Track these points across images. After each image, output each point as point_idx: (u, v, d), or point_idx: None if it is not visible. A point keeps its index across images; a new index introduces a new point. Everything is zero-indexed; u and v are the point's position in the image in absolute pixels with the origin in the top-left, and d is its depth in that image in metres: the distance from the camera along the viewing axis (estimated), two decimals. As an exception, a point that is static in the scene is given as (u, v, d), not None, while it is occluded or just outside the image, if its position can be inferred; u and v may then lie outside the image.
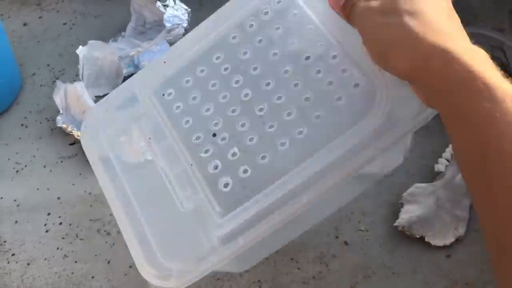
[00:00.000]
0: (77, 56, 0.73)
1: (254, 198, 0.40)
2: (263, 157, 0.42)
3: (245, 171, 0.42)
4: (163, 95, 0.47)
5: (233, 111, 0.44)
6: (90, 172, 0.68)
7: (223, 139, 0.44)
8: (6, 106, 0.73)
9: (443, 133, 0.72)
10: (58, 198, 0.66)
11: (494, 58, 0.72)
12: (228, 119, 0.44)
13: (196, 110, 0.45)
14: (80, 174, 0.68)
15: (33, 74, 0.78)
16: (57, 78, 0.77)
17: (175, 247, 0.43)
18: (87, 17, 0.85)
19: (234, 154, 0.43)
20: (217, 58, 0.46)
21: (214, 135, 0.44)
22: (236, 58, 0.46)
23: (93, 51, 0.72)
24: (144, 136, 0.47)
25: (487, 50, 0.35)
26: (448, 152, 0.68)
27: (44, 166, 0.68)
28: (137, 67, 0.75)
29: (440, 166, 0.68)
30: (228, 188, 0.42)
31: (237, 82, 0.45)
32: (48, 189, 0.66)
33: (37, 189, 0.66)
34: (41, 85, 0.76)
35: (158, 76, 0.48)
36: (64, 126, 0.69)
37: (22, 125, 0.72)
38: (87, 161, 0.68)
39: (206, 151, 0.44)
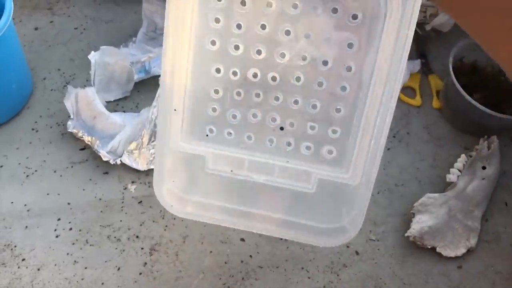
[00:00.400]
0: (87, 60, 0.73)
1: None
2: None
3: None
4: (207, 135, 0.47)
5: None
6: (101, 178, 0.68)
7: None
8: (17, 110, 0.73)
9: (455, 143, 0.73)
10: (68, 203, 0.65)
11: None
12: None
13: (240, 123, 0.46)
14: (90, 179, 0.68)
15: (44, 79, 0.77)
16: (67, 83, 0.77)
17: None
18: (98, 22, 0.85)
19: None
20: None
21: (282, 128, 0.46)
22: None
23: (104, 56, 0.72)
24: (225, 171, 0.49)
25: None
26: (460, 162, 0.68)
27: (55, 171, 0.68)
28: (148, 73, 0.75)
29: (452, 176, 0.67)
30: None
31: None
32: (58, 194, 0.66)
33: (48, 194, 0.66)
34: (52, 90, 0.76)
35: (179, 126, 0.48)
36: (74, 131, 0.69)
37: (32, 129, 0.72)
38: (98, 166, 0.69)
39: (279, 144, 0.47)
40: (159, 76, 0.74)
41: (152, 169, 0.68)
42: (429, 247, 0.63)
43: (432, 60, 0.82)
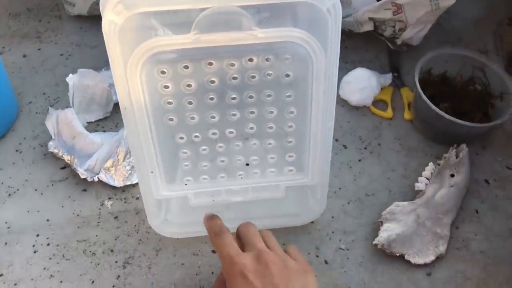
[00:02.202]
0: (71, 84, 0.76)
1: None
2: None
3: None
4: (186, 184, 0.57)
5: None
6: (79, 195, 0.71)
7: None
8: (2, 133, 0.76)
9: (426, 153, 0.74)
10: (48, 220, 0.68)
11: (474, 78, 0.74)
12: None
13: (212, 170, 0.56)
14: (69, 197, 0.70)
15: (30, 102, 0.81)
16: (51, 106, 0.80)
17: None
18: (83, 48, 0.89)
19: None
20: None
21: (247, 164, 0.55)
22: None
23: (83, 79, 0.75)
24: (207, 201, 0.58)
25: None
26: (428, 170, 0.69)
27: (36, 190, 0.71)
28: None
29: (420, 184, 0.68)
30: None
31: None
32: (38, 211, 0.69)
33: (28, 211, 0.69)
34: (36, 113, 0.80)
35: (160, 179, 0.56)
36: (55, 151, 0.72)
37: (16, 150, 0.75)
38: (76, 184, 0.72)
39: (248, 174, 0.57)
40: (137, 96, 0.78)
41: (128, 185, 0.70)
42: (398, 254, 0.63)
43: (404, 73, 0.84)
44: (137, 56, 0.45)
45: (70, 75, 0.74)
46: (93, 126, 0.78)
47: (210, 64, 0.46)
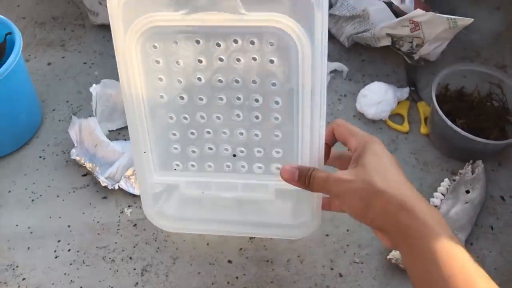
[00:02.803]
0: (94, 93, 0.79)
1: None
2: None
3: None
4: (174, 169, 0.57)
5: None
6: (99, 202, 0.73)
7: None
8: (27, 139, 0.79)
9: (441, 168, 0.74)
10: (69, 226, 0.70)
11: (492, 94, 0.75)
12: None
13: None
14: (90, 203, 0.72)
15: (53, 110, 0.83)
16: (74, 114, 0.82)
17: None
18: (106, 57, 0.91)
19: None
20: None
21: (234, 155, 0.55)
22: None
23: (106, 88, 0.77)
24: (197, 193, 0.59)
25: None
26: (444, 186, 0.70)
27: (58, 196, 0.73)
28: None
29: (436, 200, 0.69)
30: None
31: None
32: (59, 217, 0.71)
33: (50, 217, 0.71)
34: (60, 120, 0.82)
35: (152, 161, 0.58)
36: (77, 158, 0.74)
37: (40, 157, 0.77)
38: (97, 191, 0.74)
39: (235, 167, 0.56)
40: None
41: (147, 194, 0.72)
42: (412, 269, 0.64)
43: (421, 88, 0.85)
44: (134, 30, 0.49)
45: (94, 85, 0.77)
46: (114, 135, 0.80)
47: (198, 42, 0.49)
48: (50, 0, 1.02)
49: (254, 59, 0.48)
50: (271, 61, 0.48)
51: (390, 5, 0.85)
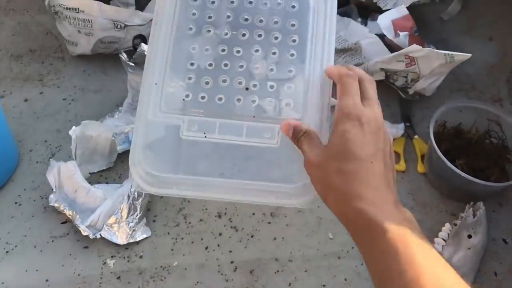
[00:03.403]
0: (74, 132, 0.74)
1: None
2: None
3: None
4: (183, 99, 0.53)
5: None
6: (80, 253, 0.68)
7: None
8: (1, 183, 0.74)
9: (440, 210, 0.71)
10: (47, 280, 0.65)
11: (490, 132, 0.72)
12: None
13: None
14: (70, 254, 0.67)
15: (31, 151, 0.78)
16: (53, 155, 0.78)
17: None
18: (87, 93, 0.87)
19: None
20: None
21: (247, 88, 0.53)
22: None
23: (86, 130, 0.73)
24: (199, 136, 0.53)
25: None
26: (445, 231, 0.67)
27: (35, 246, 0.68)
28: (131, 143, 0.76)
29: (437, 246, 0.66)
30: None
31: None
32: (37, 270, 0.66)
33: (26, 271, 0.65)
34: (37, 162, 0.77)
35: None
36: (56, 205, 0.69)
37: (16, 203, 0.72)
38: (78, 240, 0.69)
39: (245, 101, 0.54)
40: (142, 146, 0.75)
41: (131, 243, 0.68)
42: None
43: (416, 123, 0.82)
44: None
45: (73, 127, 0.72)
46: (95, 177, 0.76)
47: None
48: (27, 32, 0.97)
49: (279, 4, 0.55)
50: (293, 7, 0.55)
51: (382, 37, 0.83)
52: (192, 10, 0.56)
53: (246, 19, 0.55)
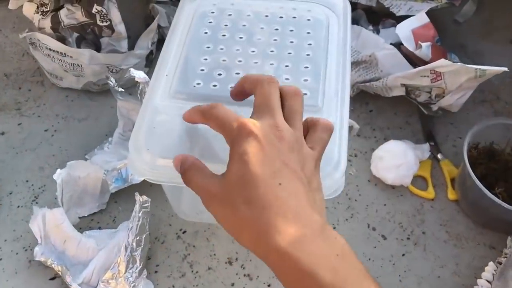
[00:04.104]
0: (59, 168, 0.65)
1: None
2: None
3: None
4: (194, 86, 0.51)
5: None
6: (73, 315, 0.58)
7: None
8: (-22, 235, 0.64)
9: (478, 242, 0.64)
10: None
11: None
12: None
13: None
14: (61, 318, 0.58)
15: (10, 193, 0.69)
16: (36, 197, 0.69)
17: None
18: (71, 121, 0.78)
19: None
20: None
21: None
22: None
23: (73, 171, 0.64)
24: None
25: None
26: (489, 272, 0.59)
27: (20, 310, 0.59)
28: (125, 181, 0.67)
29: (481, 289, 0.58)
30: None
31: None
32: None
33: None
34: (18, 206, 0.68)
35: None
36: (42, 259, 0.60)
37: (-5, 257, 0.63)
38: (70, 301, 0.60)
39: None
40: (137, 184, 0.66)
41: (132, 302, 0.59)
42: None
43: (441, 141, 0.74)
44: None
45: (58, 170, 0.63)
46: (86, 222, 0.66)
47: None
48: (1, 53, 0.88)
49: (294, 17, 0.57)
50: (308, 20, 0.57)
51: (397, 46, 0.74)
52: (212, 9, 0.58)
53: (262, 28, 0.56)
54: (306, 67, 0.53)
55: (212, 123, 0.40)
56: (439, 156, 0.72)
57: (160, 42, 0.84)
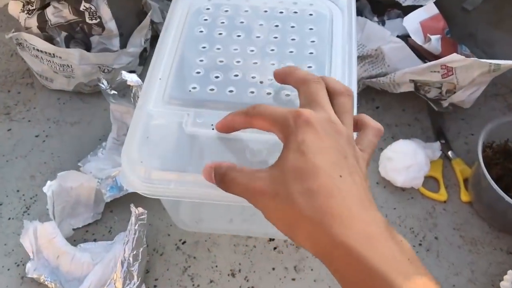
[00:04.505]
0: (51, 176, 0.62)
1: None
2: None
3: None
4: (190, 91, 0.48)
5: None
6: (69, 335, 0.55)
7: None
8: (-33, 250, 0.61)
9: (494, 247, 0.60)
10: None
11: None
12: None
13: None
14: (56, 338, 0.55)
15: (0, 204, 0.66)
16: (28, 208, 0.65)
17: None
18: (62, 126, 0.74)
19: None
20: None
21: (261, 82, 0.48)
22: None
23: (64, 182, 0.60)
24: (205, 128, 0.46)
25: None
26: (508, 281, 0.55)
27: (13, 331, 0.56)
28: (121, 189, 0.63)
29: (500, 298, 0.55)
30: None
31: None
32: None
33: None
34: (9, 218, 0.65)
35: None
36: (35, 276, 0.57)
37: (-14, 274, 0.60)
38: (65, 320, 0.56)
39: (259, 93, 0.48)
40: (133, 192, 0.63)
41: (131, 320, 0.56)
42: None
43: (452, 138, 0.70)
44: None
45: (48, 182, 0.59)
46: (81, 234, 0.63)
47: None
48: (-12, 54, 0.84)
49: (295, 12, 0.54)
50: (310, 14, 0.53)
51: (404, 39, 0.70)
52: (207, 5, 0.55)
53: (261, 24, 0.53)
54: (310, 67, 0.50)
55: (259, 121, 0.37)
56: (450, 154, 0.68)
57: (154, 38, 0.80)
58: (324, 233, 0.31)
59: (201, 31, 0.52)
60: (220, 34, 0.52)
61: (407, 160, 0.64)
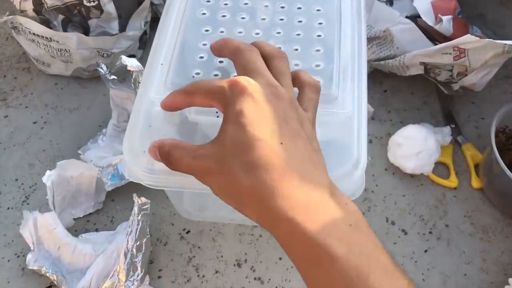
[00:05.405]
0: (51, 164, 0.60)
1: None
2: None
3: None
4: (193, 76, 0.46)
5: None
6: (72, 328, 0.54)
7: None
8: (-34, 242, 0.60)
9: (507, 235, 0.59)
10: None
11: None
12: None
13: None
14: (58, 330, 0.54)
15: (-1, 194, 0.64)
16: (27, 197, 0.63)
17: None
18: (61, 112, 0.72)
19: None
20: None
21: None
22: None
23: (64, 172, 0.58)
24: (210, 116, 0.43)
25: None
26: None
27: (14, 323, 0.55)
28: (122, 178, 0.61)
29: (512, 288, 0.53)
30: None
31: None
32: None
33: None
34: (8, 208, 0.63)
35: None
36: (36, 267, 0.56)
37: (-14, 265, 0.59)
38: (67, 312, 0.55)
39: None
40: (135, 181, 0.61)
41: (135, 312, 0.54)
42: None
43: (462, 122, 0.68)
44: None
45: (47, 172, 0.57)
46: (82, 223, 0.62)
47: None
48: (-17, 38, 0.81)
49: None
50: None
51: (413, 19, 0.68)
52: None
53: (266, 6, 0.50)
54: (318, 50, 0.47)
55: (199, 98, 0.36)
56: (460, 139, 0.66)
57: (154, 21, 0.77)
58: (267, 208, 0.30)
59: (204, 13, 0.50)
60: (224, 16, 0.50)
61: (417, 146, 0.62)
